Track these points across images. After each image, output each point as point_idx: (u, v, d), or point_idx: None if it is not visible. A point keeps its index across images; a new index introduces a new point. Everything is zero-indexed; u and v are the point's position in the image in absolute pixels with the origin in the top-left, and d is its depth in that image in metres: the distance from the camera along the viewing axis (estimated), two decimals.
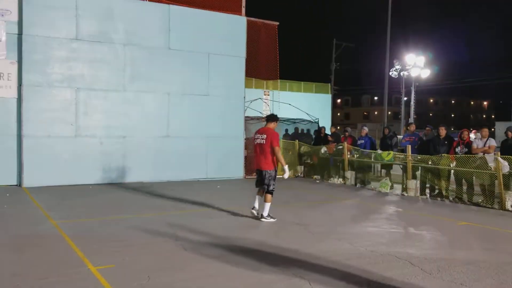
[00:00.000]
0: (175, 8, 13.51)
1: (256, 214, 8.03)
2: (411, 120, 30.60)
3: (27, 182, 11.51)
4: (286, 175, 8.06)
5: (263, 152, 7.91)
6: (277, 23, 15.92)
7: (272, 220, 7.85)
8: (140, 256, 5.60)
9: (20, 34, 11.62)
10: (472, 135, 12.10)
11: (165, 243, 6.26)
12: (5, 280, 4.68)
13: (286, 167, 7.96)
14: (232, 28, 14.51)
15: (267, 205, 7.89)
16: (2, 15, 11.48)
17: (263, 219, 7.85)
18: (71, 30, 12.07)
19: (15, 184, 11.70)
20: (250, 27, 15.02)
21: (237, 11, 14.86)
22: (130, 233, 6.81)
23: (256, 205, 8.10)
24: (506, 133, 11.06)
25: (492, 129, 51.90)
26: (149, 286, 4.56)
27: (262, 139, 7.91)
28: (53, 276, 4.79)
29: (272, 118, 8.21)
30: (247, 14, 15.06)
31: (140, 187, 11.89)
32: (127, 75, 12.83)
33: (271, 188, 7.88)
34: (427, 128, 12.42)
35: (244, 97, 14.84)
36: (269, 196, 7.88)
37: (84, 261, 5.35)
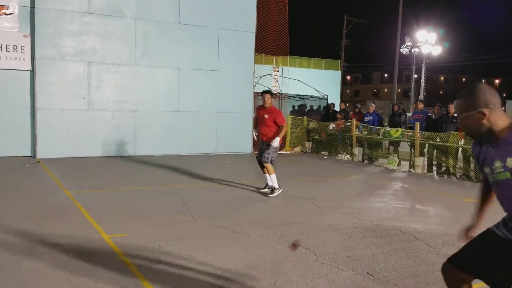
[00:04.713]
0: None
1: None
2: (421, 97, 30.40)
3: (41, 154, 11.76)
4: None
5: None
6: None
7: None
8: (151, 226, 5.79)
9: (32, 7, 11.67)
10: None
11: (175, 214, 6.45)
12: (24, 247, 4.90)
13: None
14: (243, 3, 14.42)
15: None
16: None
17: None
18: (83, 3, 12.09)
19: (29, 155, 11.97)
20: (261, 2, 14.92)
21: None
22: (142, 204, 7.01)
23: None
24: None
25: (503, 108, 51.25)
26: (160, 254, 4.75)
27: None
28: (68, 244, 4.98)
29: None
30: None
31: (151, 160, 12.09)
32: (138, 50, 12.89)
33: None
34: (436, 107, 12.39)
35: (254, 73, 14.87)
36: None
37: (98, 229, 5.56)
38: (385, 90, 78.50)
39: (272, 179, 7.97)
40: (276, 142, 7.75)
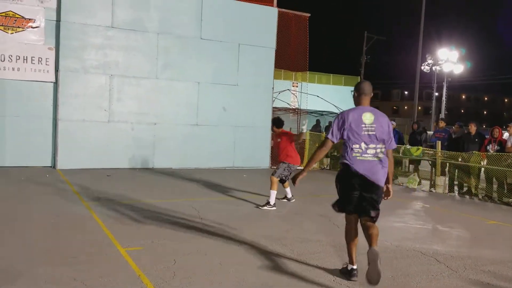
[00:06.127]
0: None
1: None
2: (442, 116, 29.99)
3: (61, 164, 11.90)
4: None
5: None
6: (308, 15, 15.83)
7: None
8: (167, 240, 5.76)
9: (58, 20, 11.95)
10: (506, 134, 11.86)
11: (191, 228, 6.41)
12: (39, 256, 4.92)
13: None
14: (263, 19, 14.52)
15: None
16: (42, 2, 11.82)
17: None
18: (107, 18, 12.33)
19: (50, 166, 12.13)
20: (281, 18, 15.00)
21: (269, 2, 14.87)
22: (158, 217, 6.99)
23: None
24: None
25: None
26: (175, 269, 4.70)
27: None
28: (84, 255, 4.99)
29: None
30: (278, 5, 15.04)
31: (169, 173, 12.12)
32: (160, 63, 13.05)
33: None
34: (456, 125, 12.20)
35: (273, 88, 14.88)
36: None
37: (114, 242, 5.54)
38: (405, 107, 77.76)
39: (271, 194, 8.15)
40: None
